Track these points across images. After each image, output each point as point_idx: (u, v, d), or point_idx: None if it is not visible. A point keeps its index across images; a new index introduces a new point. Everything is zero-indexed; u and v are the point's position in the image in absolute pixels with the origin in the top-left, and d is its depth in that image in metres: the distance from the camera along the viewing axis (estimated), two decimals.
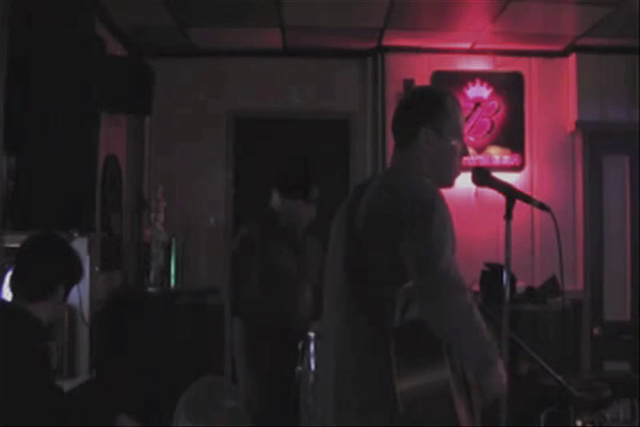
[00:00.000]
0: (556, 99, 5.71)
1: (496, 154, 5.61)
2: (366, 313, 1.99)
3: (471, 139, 5.52)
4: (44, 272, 2.50)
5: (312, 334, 3.09)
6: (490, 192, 2.29)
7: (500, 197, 2.23)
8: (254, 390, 3.43)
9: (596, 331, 5.34)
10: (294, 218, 3.57)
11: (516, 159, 5.63)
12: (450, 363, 1.90)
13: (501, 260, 2.26)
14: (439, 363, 1.89)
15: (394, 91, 5.59)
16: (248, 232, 3.51)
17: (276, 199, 3.59)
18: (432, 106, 2.19)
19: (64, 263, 2.55)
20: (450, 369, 1.89)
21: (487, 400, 1.99)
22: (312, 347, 3.08)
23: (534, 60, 5.73)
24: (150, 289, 5.15)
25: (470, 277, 4.57)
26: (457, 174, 2.23)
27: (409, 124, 2.18)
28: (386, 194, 2.03)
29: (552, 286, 5.09)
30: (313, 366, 3.05)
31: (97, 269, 4.67)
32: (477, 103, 5.58)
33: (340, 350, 2.04)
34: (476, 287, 4.88)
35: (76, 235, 3.78)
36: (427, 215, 1.92)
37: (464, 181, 2.34)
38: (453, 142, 2.18)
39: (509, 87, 5.65)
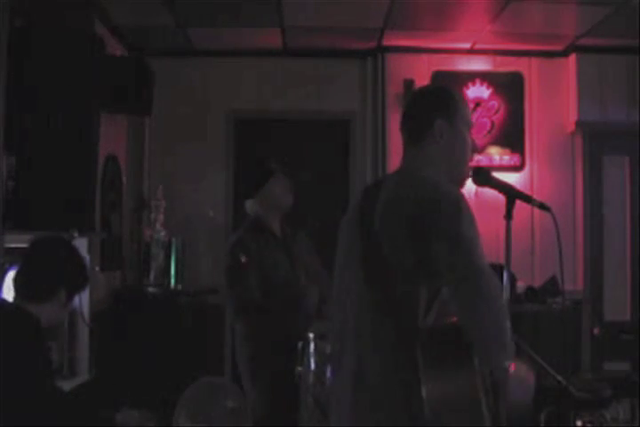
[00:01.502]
0: (556, 99, 5.71)
1: (496, 154, 5.61)
2: (389, 314, 1.97)
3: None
4: (45, 274, 2.50)
5: (311, 335, 3.08)
6: (490, 192, 2.28)
7: (500, 197, 2.23)
8: (258, 391, 3.42)
9: (596, 331, 5.34)
10: (279, 201, 3.54)
11: (515, 159, 5.63)
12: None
13: (501, 260, 2.26)
14: (469, 368, 1.85)
15: (394, 91, 5.59)
16: (237, 241, 3.49)
17: (248, 206, 3.59)
18: (443, 99, 2.20)
19: (66, 267, 2.54)
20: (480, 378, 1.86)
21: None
22: (312, 347, 3.07)
23: (534, 60, 5.73)
24: (150, 289, 5.15)
25: None
26: (469, 170, 2.22)
27: (422, 119, 2.18)
28: (406, 195, 2.01)
29: (552, 286, 5.09)
30: (313, 366, 3.04)
31: (97, 269, 4.67)
32: (477, 103, 5.57)
33: (361, 350, 2.01)
34: None
35: (75, 235, 3.78)
36: (456, 215, 1.92)
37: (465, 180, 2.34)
38: (464, 133, 2.19)
39: (509, 87, 5.65)
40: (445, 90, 2.27)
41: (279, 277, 3.45)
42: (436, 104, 2.19)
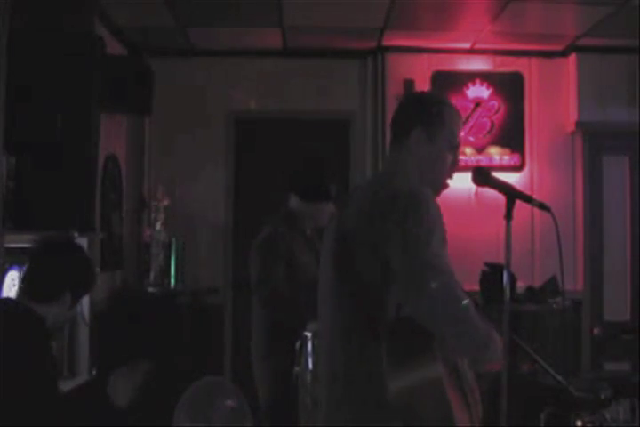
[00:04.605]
0: (556, 99, 5.72)
1: (496, 154, 5.61)
2: (357, 313, 2.00)
3: (471, 139, 5.52)
4: (52, 276, 2.49)
5: (309, 334, 3.07)
6: (490, 192, 2.28)
7: (500, 197, 2.23)
8: (267, 383, 3.42)
9: (596, 331, 5.34)
10: (316, 220, 3.53)
11: (515, 159, 5.63)
12: (442, 358, 1.90)
13: (501, 260, 2.26)
14: (430, 360, 1.88)
15: (394, 91, 5.59)
16: (273, 232, 3.47)
17: (294, 202, 3.56)
18: (428, 109, 2.15)
19: (73, 270, 2.54)
20: (442, 366, 1.89)
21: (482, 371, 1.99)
22: (309, 346, 3.07)
23: (534, 60, 5.73)
24: (150, 289, 5.15)
25: (470, 277, 4.57)
26: (443, 185, 2.19)
27: (403, 125, 2.16)
28: (372, 196, 2.02)
29: (552, 286, 5.09)
30: (311, 366, 3.04)
31: (97, 269, 4.67)
32: (477, 103, 5.58)
33: (333, 350, 2.06)
34: (477, 287, 4.88)
35: (76, 235, 3.78)
36: (411, 215, 1.91)
37: (464, 181, 2.34)
38: (444, 151, 2.15)
39: (509, 87, 5.65)
40: (438, 101, 2.20)
41: (305, 274, 3.43)
42: (420, 112, 2.15)
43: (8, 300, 2.70)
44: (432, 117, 2.13)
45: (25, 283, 2.51)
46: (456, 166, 2.20)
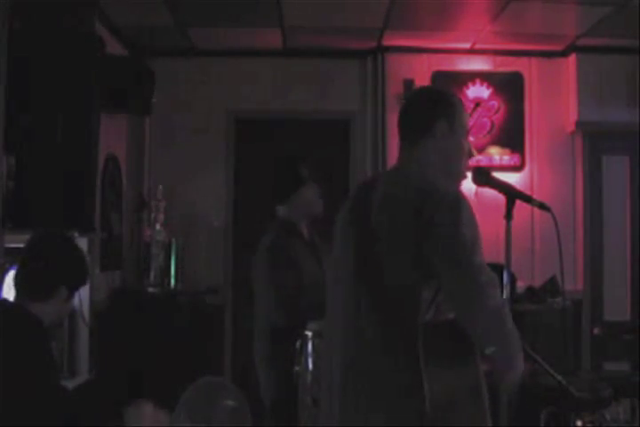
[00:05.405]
0: (556, 99, 5.72)
1: (496, 154, 5.61)
2: (388, 313, 1.96)
3: (471, 139, 5.51)
4: (43, 272, 2.47)
5: (309, 333, 3.07)
6: (490, 192, 2.29)
7: (500, 197, 2.23)
8: (271, 384, 3.42)
9: (596, 331, 5.33)
10: (305, 210, 3.53)
11: (515, 159, 5.63)
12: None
13: (501, 260, 2.26)
14: (472, 363, 1.88)
15: (394, 91, 5.60)
16: (275, 239, 3.46)
17: (279, 211, 3.57)
18: (444, 102, 2.19)
19: (65, 263, 2.51)
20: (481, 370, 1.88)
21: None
22: (310, 346, 3.06)
23: (534, 60, 5.74)
24: (150, 289, 5.15)
25: None
26: (465, 174, 2.21)
27: (422, 120, 2.16)
28: (403, 193, 2.00)
29: (552, 286, 5.09)
30: (311, 366, 3.04)
31: (97, 269, 4.67)
32: (477, 103, 5.58)
33: (357, 351, 2.00)
34: None
35: (76, 235, 3.78)
36: (455, 214, 1.92)
37: (464, 181, 2.34)
38: (463, 140, 2.19)
39: (509, 87, 5.65)
40: (448, 93, 2.26)
41: (310, 279, 3.42)
42: (438, 106, 2.18)
43: (5, 301, 2.69)
44: (450, 108, 2.17)
45: (18, 283, 2.49)
46: (472, 155, 2.23)
